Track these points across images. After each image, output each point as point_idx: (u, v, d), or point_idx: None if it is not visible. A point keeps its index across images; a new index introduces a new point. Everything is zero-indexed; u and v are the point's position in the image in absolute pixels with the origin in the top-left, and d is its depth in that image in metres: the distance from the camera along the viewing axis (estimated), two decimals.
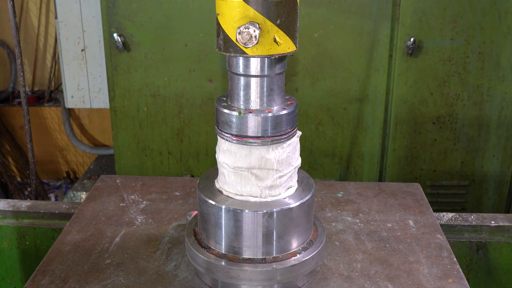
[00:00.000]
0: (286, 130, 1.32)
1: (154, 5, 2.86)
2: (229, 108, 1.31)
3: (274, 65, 1.28)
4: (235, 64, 1.29)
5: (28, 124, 2.15)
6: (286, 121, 1.31)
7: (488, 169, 3.11)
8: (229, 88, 1.34)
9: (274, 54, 1.24)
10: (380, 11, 2.83)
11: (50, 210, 1.96)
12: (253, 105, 1.31)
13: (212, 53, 2.92)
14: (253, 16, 1.20)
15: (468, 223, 1.88)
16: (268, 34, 1.22)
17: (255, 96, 1.30)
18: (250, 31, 1.19)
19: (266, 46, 1.22)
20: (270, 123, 1.29)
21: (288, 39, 1.24)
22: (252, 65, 1.28)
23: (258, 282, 1.33)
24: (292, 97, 1.39)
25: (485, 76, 2.93)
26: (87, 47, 3.84)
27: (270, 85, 1.30)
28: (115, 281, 1.43)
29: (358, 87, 2.97)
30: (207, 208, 1.36)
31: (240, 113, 1.29)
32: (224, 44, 1.26)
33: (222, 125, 1.33)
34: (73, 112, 5.05)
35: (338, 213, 1.78)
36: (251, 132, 1.29)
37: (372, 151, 3.10)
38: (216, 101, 1.36)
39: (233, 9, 1.21)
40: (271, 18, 1.21)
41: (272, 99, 1.31)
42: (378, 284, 1.42)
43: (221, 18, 1.25)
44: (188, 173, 3.20)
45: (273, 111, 1.29)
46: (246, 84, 1.30)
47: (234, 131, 1.31)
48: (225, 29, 1.24)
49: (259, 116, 1.28)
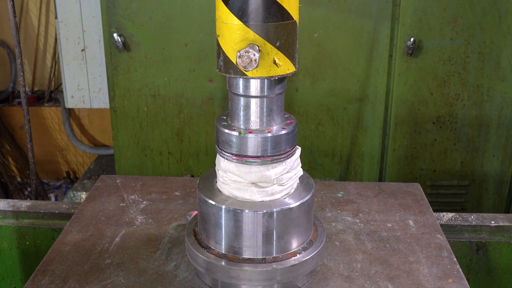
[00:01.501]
0: (286, 150, 1.34)
1: (154, 5, 2.86)
2: (229, 128, 1.33)
3: (273, 86, 1.30)
4: (235, 85, 1.31)
5: (28, 124, 2.15)
6: (286, 141, 1.33)
7: (488, 169, 3.11)
8: (229, 107, 1.36)
9: (273, 75, 1.25)
10: (380, 11, 2.83)
11: (50, 210, 1.96)
12: (253, 125, 1.33)
13: (212, 53, 2.92)
14: (253, 38, 1.22)
15: (468, 223, 1.88)
16: (268, 56, 1.23)
17: (255, 116, 1.32)
18: (250, 55, 1.20)
19: (266, 68, 1.24)
20: (269, 143, 1.31)
21: (287, 60, 1.26)
22: (252, 86, 1.29)
23: (258, 282, 1.33)
24: (292, 116, 1.41)
25: (485, 76, 2.93)
26: (87, 47, 3.84)
27: (270, 105, 1.32)
28: (115, 281, 1.43)
29: (358, 87, 2.97)
30: (207, 208, 1.37)
31: (240, 133, 1.31)
32: (224, 66, 1.27)
33: (222, 144, 1.35)
34: (73, 112, 5.05)
35: (338, 213, 1.78)
36: (251, 152, 1.31)
37: (372, 151, 3.10)
38: (217, 120, 1.37)
39: (233, 31, 1.23)
40: (270, 40, 1.23)
41: (272, 119, 1.33)
42: (378, 284, 1.43)
43: (221, 40, 1.26)
44: (188, 173, 3.20)
45: (273, 131, 1.32)
46: (246, 104, 1.32)
47: (234, 150, 1.32)
48: (225, 50, 1.26)
49: (258, 136, 1.30)
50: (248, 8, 1.20)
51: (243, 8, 1.21)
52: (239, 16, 1.21)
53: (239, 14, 1.21)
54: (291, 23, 1.25)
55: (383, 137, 3.09)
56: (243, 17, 1.21)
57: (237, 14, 1.22)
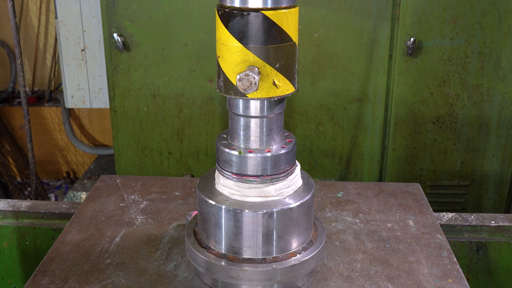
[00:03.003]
0: (285, 168, 1.36)
1: (154, 5, 2.86)
2: (229, 147, 1.35)
3: (273, 107, 1.32)
4: (235, 105, 1.33)
5: (28, 124, 2.15)
6: (285, 160, 1.35)
7: (488, 169, 3.11)
8: (229, 126, 1.38)
9: (273, 96, 1.27)
10: (380, 11, 2.83)
11: (50, 210, 1.96)
12: (253, 145, 1.34)
13: (212, 53, 2.92)
14: (253, 61, 1.23)
15: (468, 223, 1.88)
16: (268, 78, 1.24)
17: (255, 135, 1.34)
18: (250, 78, 1.21)
19: (266, 89, 1.25)
20: (269, 163, 1.33)
21: (287, 81, 1.27)
22: (251, 106, 1.31)
23: (258, 282, 1.33)
24: (291, 134, 1.42)
25: (485, 76, 2.93)
26: (87, 47, 3.84)
27: (270, 125, 1.34)
28: (115, 281, 1.43)
29: (358, 87, 2.97)
30: (207, 208, 1.37)
31: (240, 153, 1.32)
32: (224, 86, 1.28)
33: (222, 163, 1.36)
34: (73, 112, 5.05)
35: (338, 213, 1.78)
36: (251, 171, 1.33)
37: (372, 151, 3.10)
38: (217, 139, 1.39)
39: (233, 53, 1.24)
40: (270, 62, 1.24)
41: (272, 138, 1.35)
42: (378, 284, 1.43)
43: (222, 61, 1.27)
44: (188, 173, 3.20)
45: (272, 151, 1.33)
46: (246, 124, 1.33)
47: (234, 169, 1.34)
48: (225, 72, 1.27)
49: (258, 156, 1.32)
50: (248, 30, 1.22)
51: (243, 31, 1.22)
52: (239, 38, 1.23)
53: (239, 36, 1.23)
54: (290, 44, 1.26)
55: (383, 137, 3.09)
56: (243, 40, 1.23)
57: (237, 37, 1.23)
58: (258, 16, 1.21)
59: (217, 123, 3.06)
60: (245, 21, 1.21)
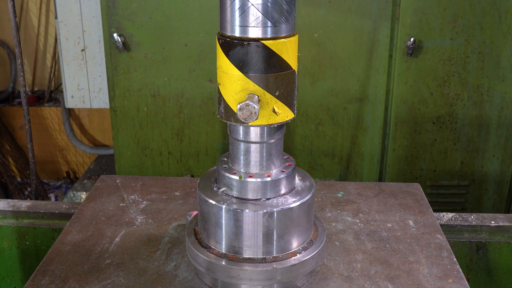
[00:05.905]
0: (285, 192, 1.38)
1: (154, 5, 2.86)
2: (230, 171, 1.37)
3: (273, 133, 1.34)
4: (236, 131, 1.35)
5: (28, 124, 2.15)
6: (285, 183, 1.37)
7: (488, 169, 3.11)
8: (230, 150, 1.40)
9: (273, 123, 1.29)
10: (380, 11, 2.83)
11: (50, 210, 1.96)
12: (253, 169, 1.37)
13: (212, 53, 2.92)
14: (253, 89, 1.25)
15: (468, 223, 1.88)
16: (268, 106, 1.26)
17: (255, 160, 1.36)
18: (250, 108, 1.23)
19: (266, 116, 1.27)
20: (269, 187, 1.35)
21: (286, 108, 1.29)
22: (252, 133, 1.33)
23: (258, 281, 1.33)
24: (290, 157, 1.44)
25: (485, 76, 2.93)
26: (87, 47, 3.84)
27: (269, 150, 1.36)
28: (115, 281, 1.43)
29: (358, 87, 2.97)
30: (207, 207, 1.37)
31: (241, 178, 1.35)
32: (225, 113, 1.30)
33: (223, 186, 1.39)
34: (73, 112, 5.06)
35: (338, 213, 1.78)
36: (251, 195, 1.35)
37: (372, 151, 3.10)
38: (218, 163, 1.42)
39: (234, 81, 1.26)
40: (270, 90, 1.25)
41: (271, 163, 1.37)
42: (378, 284, 1.43)
43: (222, 89, 1.29)
44: (188, 173, 3.20)
45: (272, 175, 1.36)
46: (246, 149, 1.36)
47: (235, 193, 1.36)
48: (226, 99, 1.29)
49: (258, 180, 1.34)
50: (248, 60, 1.23)
51: (243, 60, 1.24)
52: (240, 67, 1.24)
53: (240, 65, 1.24)
54: (290, 72, 1.27)
55: (383, 137, 3.09)
56: (243, 68, 1.24)
57: (238, 65, 1.24)
58: (259, 46, 1.22)
59: (217, 123, 3.06)
60: (245, 51, 1.23)
